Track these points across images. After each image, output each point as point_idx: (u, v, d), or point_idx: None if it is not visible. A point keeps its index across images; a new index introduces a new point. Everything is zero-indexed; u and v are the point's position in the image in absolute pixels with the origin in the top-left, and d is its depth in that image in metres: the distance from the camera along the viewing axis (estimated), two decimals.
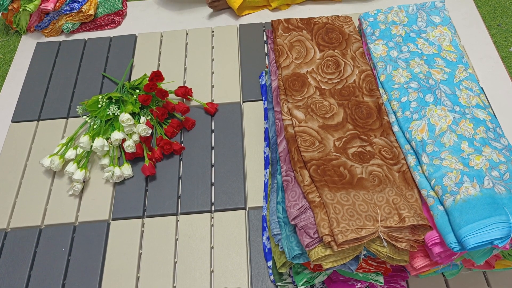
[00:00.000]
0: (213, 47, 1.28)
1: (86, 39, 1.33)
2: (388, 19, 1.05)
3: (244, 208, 0.99)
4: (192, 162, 1.06)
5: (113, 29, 1.36)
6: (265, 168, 1.02)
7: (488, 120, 0.86)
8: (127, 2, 1.43)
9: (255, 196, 0.99)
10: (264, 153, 1.05)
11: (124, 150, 1.05)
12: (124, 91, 1.12)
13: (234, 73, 1.21)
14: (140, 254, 0.94)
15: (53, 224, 0.99)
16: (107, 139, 1.04)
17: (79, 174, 1.00)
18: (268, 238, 0.92)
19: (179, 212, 0.99)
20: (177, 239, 0.96)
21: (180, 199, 1.01)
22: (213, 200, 1.00)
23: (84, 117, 1.10)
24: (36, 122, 1.16)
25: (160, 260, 0.93)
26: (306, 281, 0.81)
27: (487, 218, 0.71)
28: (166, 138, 1.06)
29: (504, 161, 0.79)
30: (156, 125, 1.08)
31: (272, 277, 0.88)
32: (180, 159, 1.07)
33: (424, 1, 1.08)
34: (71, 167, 1.01)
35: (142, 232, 0.97)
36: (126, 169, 1.03)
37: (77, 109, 1.13)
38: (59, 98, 1.19)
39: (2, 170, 1.07)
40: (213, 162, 1.06)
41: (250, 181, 1.02)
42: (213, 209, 0.99)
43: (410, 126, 0.86)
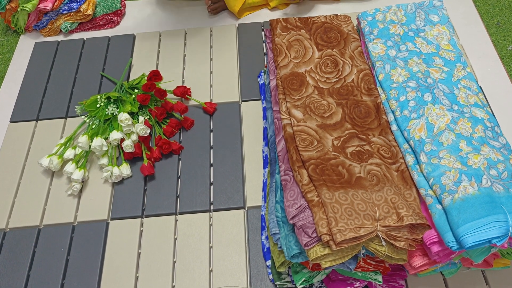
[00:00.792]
0: (211, 47, 1.28)
1: (85, 39, 1.32)
2: (387, 18, 1.05)
3: (243, 208, 0.99)
4: (191, 162, 1.06)
5: (111, 29, 1.36)
6: (264, 167, 1.02)
7: (486, 119, 0.86)
8: (125, 1, 1.42)
9: (254, 196, 0.99)
10: (263, 152, 1.05)
11: (122, 150, 1.04)
12: (123, 91, 1.12)
13: (233, 73, 1.21)
14: (139, 254, 0.94)
15: (52, 224, 0.99)
16: (106, 139, 1.04)
17: (78, 174, 1.00)
18: (267, 238, 0.92)
19: (178, 211, 0.99)
20: (176, 239, 0.96)
21: (179, 199, 1.01)
22: (212, 200, 1.00)
23: (83, 117, 1.10)
24: (34, 122, 1.15)
25: (159, 260, 0.93)
26: (305, 280, 0.81)
27: (485, 217, 0.71)
28: (165, 137, 1.06)
29: (502, 160, 0.79)
30: (155, 124, 1.08)
31: (271, 276, 0.88)
32: (179, 159, 1.07)
33: (422, 0, 1.08)
34: (70, 167, 1.01)
35: (141, 231, 0.97)
36: (125, 169, 1.03)
37: (76, 109, 1.12)
38: (58, 98, 1.19)
39: (0, 170, 1.07)
40: (212, 162, 1.06)
41: (249, 181, 1.02)
42: (212, 208, 0.99)
43: (409, 125, 0.86)
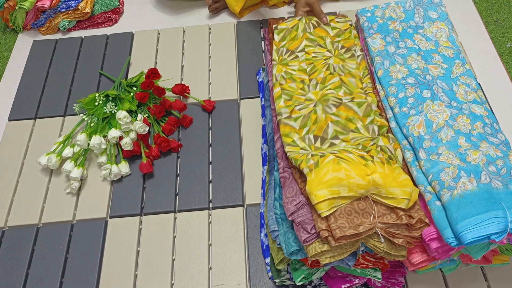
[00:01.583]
0: (210, 45, 1.28)
1: (83, 37, 1.32)
2: (386, 15, 1.04)
3: (242, 205, 0.99)
4: (189, 160, 1.06)
5: (109, 27, 1.36)
6: (263, 165, 1.02)
7: (485, 115, 0.86)
8: None
9: (252, 193, 0.99)
10: (262, 150, 1.05)
11: (121, 148, 1.04)
12: (121, 89, 1.12)
13: (232, 70, 1.21)
14: (138, 252, 0.94)
15: (51, 222, 0.99)
16: (104, 137, 1.04)
17: (77, 172, 1.00)
18: (266, 235, 0.92)
19: (177, 209, 0.99)
20: (175, 237, 0.96)
21: (177, 197, 1.01)
22: (211, 197, 1.00)
23: (81, 115, 1.09)
24: (33, 120, 1.15)
25: (158, 258, 0.93)
26: (304, 277, 0.81)
27: (484, 213, 0.71)
28: (164, 135, 1.06)
29: (501, 156, 0.79)
30: (154, 122, 1.08)
31: (270, 273, 0.88)
32: (177, 157, 1.07)
33: None
34: (68, 165, 1.01)
35: (140, 229, 0.97)
36: (124, 167, 1.02)
37: (74, 107, 1.12)
38: (56, 96, 1.19)
39: None
40: (210, 159, 1.06)
41: (248, 178, 1.02)
42: (211, 206, 0.99)
43: (407, 121, 0.86)
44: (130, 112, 1.08)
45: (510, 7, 1.40)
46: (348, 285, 0.81)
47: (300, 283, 0.81)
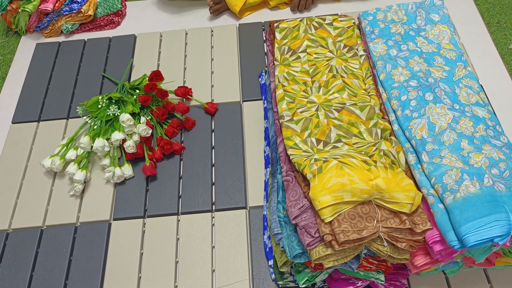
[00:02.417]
0: (212, 47, 1.28)
1: (86, 40, 1.33)
2: (387, 18, 1.05)
3: (245, 208, 0.99)
4: (192, 162, 1.06)
5: (112, 29, 1.36)
6: (266, 167, 1.02)
7: (487, 118, 0.86)
8: (126, 2, 1.43)
9: (255, 195, 1.00)
10: (264, 152, 1.05)
11: (124, 151, 1.05)
12: (124, 92, 1.12)
13: (234, 73, 1.21)
14: (142, 254, 0.94)
15: (55, 225, 0.99)
16: (108, 139, 1.04)
17: (80, 175, 1.01)
18: (269, 237, 0.92)
19: (180, 212, 1.00)
20: (178, 239, 0.96)
21: (181, 199, 1.01)
22: (213, 200, 1.00)
23: (85, 117, 1.10)
24: (36, 123, 1.16)
25: (162, 260, 0.93)
26: (307, 280, 0.81)
27: (487, 216, 0.71)
28: (167, 138, 1.07)
29: (504, 158, 0.79)
30: (156, 125, 1.08)
31: (273, 276, 0.88)
32: (180, 159, 1.07)
33: None
34: (72, 168, 1.01)
35: (143, 232, 0.97)
36: (127, 169, 1.03)
37: (77, 110, 1.13)
38: (59, 99, 1.19)
39: (2, 171, 1.07)
40: (213, 162, 1.06)
41: (251, 180, 1.02)
42: (214, 208, 0.99)
43: (410, 124, 0.87)
44: (133, 114, 1.08)
45: (511, 9, 1.40)
46: (351, 287, 0.81)
47: (303, 286, 0.81)
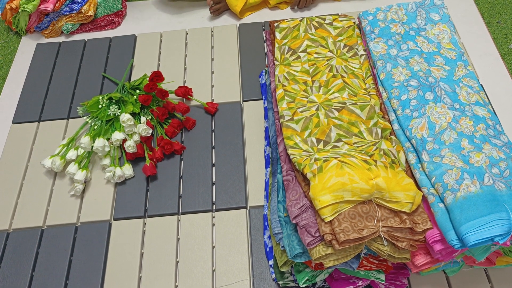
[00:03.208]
0: (212, 47, 1.28)
1: (86, 40, 1.33)
2: (388, 17, 1.05)
3: (245, 207, 0.99)
4: (193, 162, 1.06)
5: (112, 30, 1.36)
6: (266, 167, 1.02)
7: (488, 117, 0.86)
8: (126, 2, 1.43)
9: (256, 195, 1.00)
10: (265, 152, 1.05)
11: (125, 150, 1.05)
12: (125, 92, 1.12)
13: (234, 73, 1.21)
14: (142, 254, 0.94)
15: (55, 225, 0.99)
16: (108, 139, 1.04)
17: (80, 175, 1.01)
18: (269, 237, 0.92)
19: (180, 211, 1.00)
20: (178, 239, 0.96)
21: (181, 199, 1.01)
22: (214, 200, 1.00)
23: (85, 117, 1.10)
24: (37, 123, 1.16)
25: (162, 260, 0.93)
26: (307, 279, 0.81)
27: (488, 215, 0.71)
28: (167, 138, 1.07)
29: (504, 158, 0.79)
30: (157, 125, 1.09)
31: (273, 275, 0.88)
32: (181, 159, 1.07)
33: None
34: (72, 168, 1.02)
35: (144, 232, 0.97)
36: (127, 169, 1.03)
37: (78, 110, 1.13)
38: (60, 99, 1.20)
39: (3, 171, 1.08)
40: (213, 162, 1.06)
41: (251, 180, 1.02)
42: (214, 208, 1.00)
43: (410, 124, 0.87)
44: (133, 114, 1.08)
45: None
46: (351, 287, 0.81)
47: (304, 285, 0.81)
